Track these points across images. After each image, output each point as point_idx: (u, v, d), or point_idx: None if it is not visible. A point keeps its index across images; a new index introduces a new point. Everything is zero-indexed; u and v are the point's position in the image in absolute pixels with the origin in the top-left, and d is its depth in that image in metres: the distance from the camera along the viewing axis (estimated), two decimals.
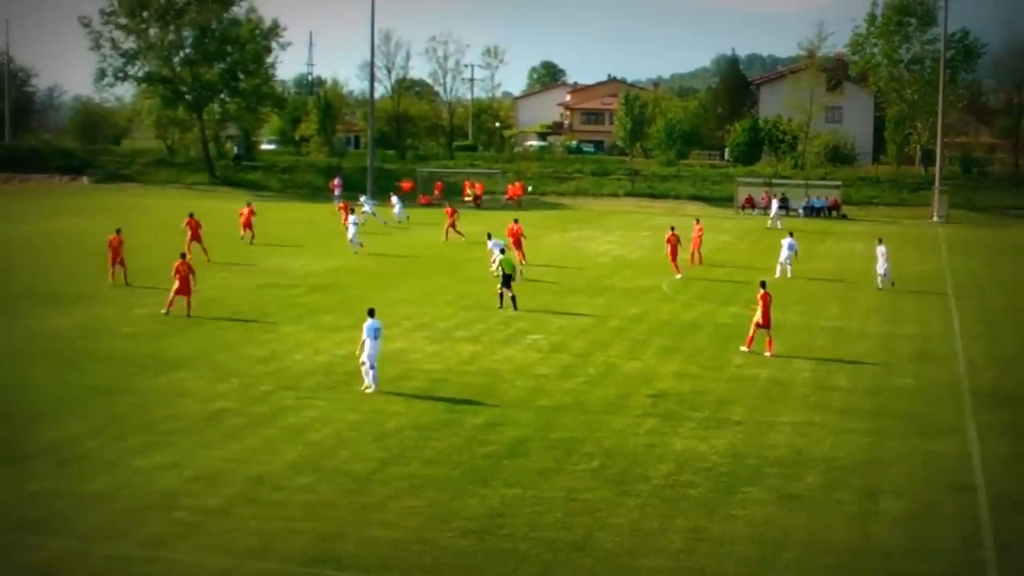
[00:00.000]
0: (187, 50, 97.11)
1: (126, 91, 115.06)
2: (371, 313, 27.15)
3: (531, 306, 38.80)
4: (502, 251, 41.10)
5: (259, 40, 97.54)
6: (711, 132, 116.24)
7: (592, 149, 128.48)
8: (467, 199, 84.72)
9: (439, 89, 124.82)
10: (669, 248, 47.19)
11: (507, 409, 25.44)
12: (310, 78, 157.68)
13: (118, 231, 42.52)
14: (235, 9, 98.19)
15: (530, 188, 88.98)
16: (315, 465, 21.08)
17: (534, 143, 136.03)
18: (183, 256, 37.18)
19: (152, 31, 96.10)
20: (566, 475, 20.96)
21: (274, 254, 51.66)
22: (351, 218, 54.74)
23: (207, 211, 61.67)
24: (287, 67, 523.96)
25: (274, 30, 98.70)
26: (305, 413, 24.66)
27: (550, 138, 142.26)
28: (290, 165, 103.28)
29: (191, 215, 50.40)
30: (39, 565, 16.57)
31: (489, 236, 46.71)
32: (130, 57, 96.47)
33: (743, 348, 32.10)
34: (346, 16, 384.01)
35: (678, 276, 46.51)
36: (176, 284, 35.59)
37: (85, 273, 43.49)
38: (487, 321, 36.00)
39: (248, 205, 58.64)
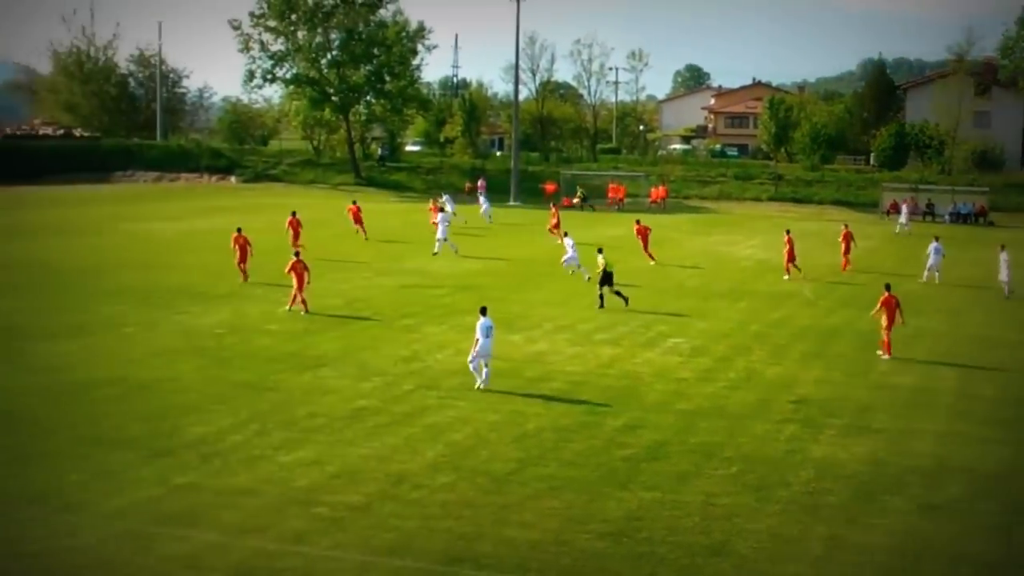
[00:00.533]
0: (334, 52, 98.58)
1: (274, 92, 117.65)
2: (483, 311, 27.52)
3: (672, 309, 38.60)
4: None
5: (405, 42, 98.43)
6: (856, 137, 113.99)
7: (736, 153, 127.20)
8: (609, 203, 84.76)
9: (583, 92, 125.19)
10: (787, 250, 47.69)
11: (647, 412, 25.33)
12: (455, 80, 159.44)
13: (239, 230, 43.59)
14: (382, 12, 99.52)
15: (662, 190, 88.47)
16: (455, 464, 21.28)
17: (677, 146, 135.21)
18: (296, 255, 37.81)
19: (300, 34, 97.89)
20: (705, 479, 20.80)
21: (416, 255, 52.28)
22: (440, 215, 54.79)
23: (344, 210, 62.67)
24: (432, 69, 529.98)
25: (420, 32, 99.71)
26: (446, 413, 24.91)
27: (694, 142, 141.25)
28: (434, 167, 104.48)
29: (294, 214, 51.98)
30: (183, 557, 16.93)
31: (565, 234, 47.75)
32: (278, 59, 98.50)
33: (881, 354, 31.50)
34: (492, 19, 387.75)
35: (785, 277, 47.03)
36: (294, 282, 36.39)
37: (233, 272, 44.66)
38: (628, 324, 35.89)
39: (354, 203, 60.03)
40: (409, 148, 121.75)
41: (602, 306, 38.47)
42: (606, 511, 19.07)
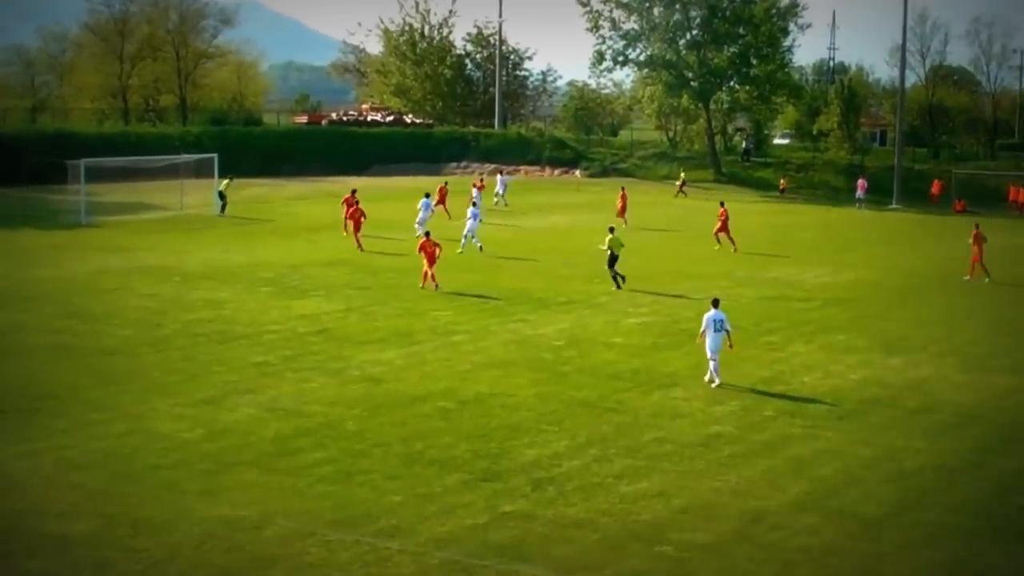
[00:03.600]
0: (694, 32, 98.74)
1: (625, 77, 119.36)
2: (715, 303, 29.04)
3: None
4: (611, 230, 44.95)
5: (775, 21, 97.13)
6: None
7: None
8: (1009, 208, 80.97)
9: (981, 78, 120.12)
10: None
11: None
12: (831, 64, 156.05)
13: (353, 192, 51.56)
14: None
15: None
16: (820, 504, 20.96)
17: None
18: (427, 235, 42.83)
19: (656, 11, 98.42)
20: None
21: (782, 263, 51.87)
22: (471, 211, 54.65)
23: (708, 211, 62.98)
24: (805, 52, 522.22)
25: (792, 10, 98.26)
26: (811, 444, 24.58)
27: None
28: (805, 162, 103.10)
29: (353, 191, 56.68)
30: None
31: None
32: (631, 39, 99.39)
33: None
34: None
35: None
36: (425, 262, 41.28)
37: (575, 277, 45.72)
38: None
39: (622, 189, 64.24)
40: (777, 141, 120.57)
41: (618, 287, 42.38)
42: (996, 568, 18.38)
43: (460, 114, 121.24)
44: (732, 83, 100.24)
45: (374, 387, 28.42)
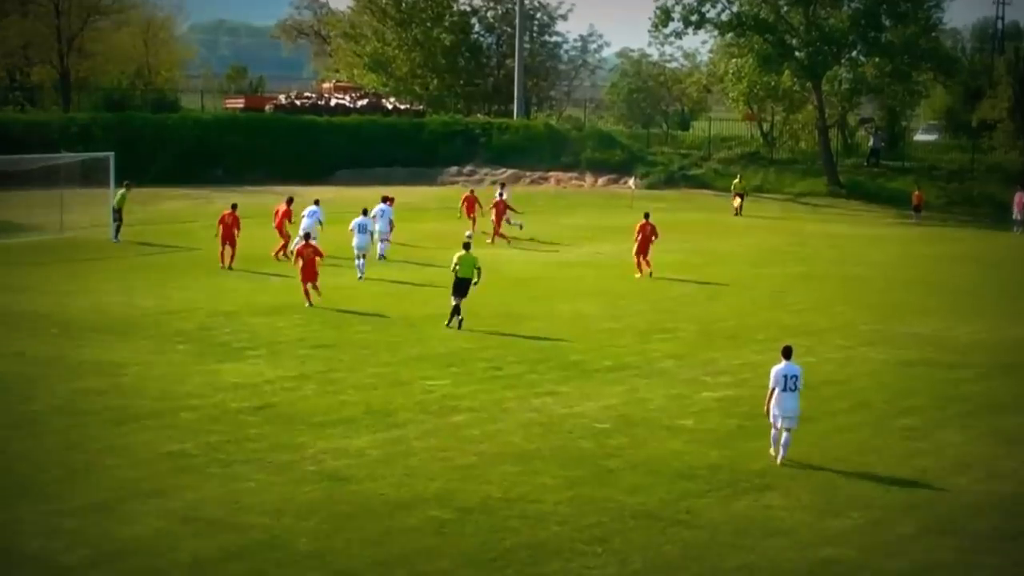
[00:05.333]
0: None
1: (700, 44, 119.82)
2: (786, 353, 30.18)
3: None
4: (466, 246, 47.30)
5: None
6: None
7: None
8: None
9: None
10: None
11: None
12: (999, 27, 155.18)
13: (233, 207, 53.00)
14: None
15: None
16: None
17: None
18: (306, 237, 52.55)
19: None
20: None
21: (925, 314, 51.77)
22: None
23: (820, 236, 62.90)
24: (961, 8, 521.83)
25: None
26: None
27: None
28: (960, 168, 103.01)
29: (233, 207, 59.70)
30: None
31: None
32: None
33: None
34: None
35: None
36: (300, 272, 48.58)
37: (626, 331, 45.74)
38: None
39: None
40: (919, 137, 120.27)
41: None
42: None
43: (464, 97, 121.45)
44: (854, 53, 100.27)
45: (337, 489, 28.38)
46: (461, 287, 45.82)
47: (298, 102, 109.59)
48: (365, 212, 59.11)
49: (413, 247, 64.81)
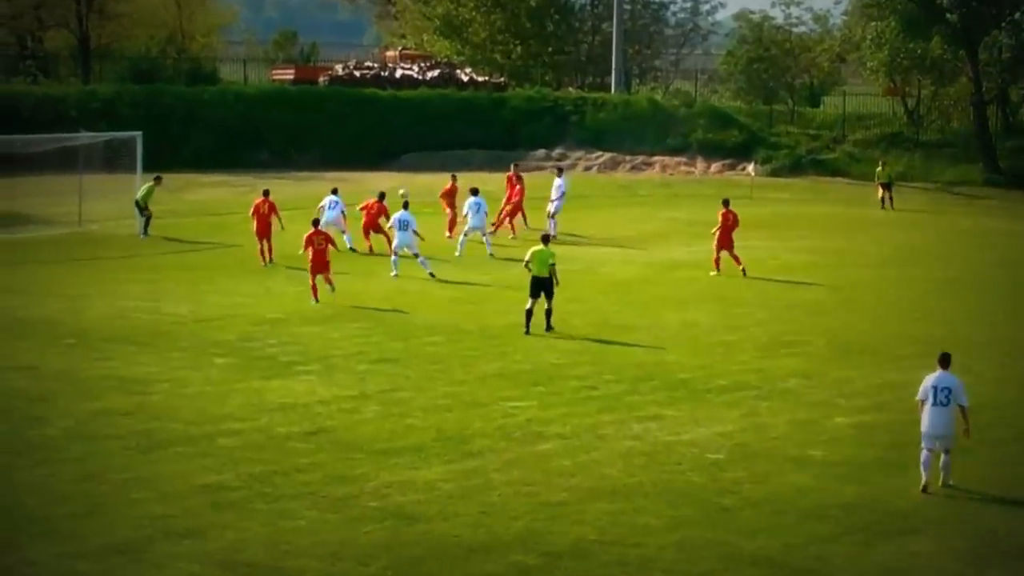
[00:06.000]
0: None
1: (833, 4, 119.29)
2: (943, 361, 30.76)
3: None
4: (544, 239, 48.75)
5: None
6: None
7: None
8: None
9: None
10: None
11: None
12: None
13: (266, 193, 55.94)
14: None
15: None
16: None
17: None
18: (315, 223, 52.34)
19: None
20: None
21: None
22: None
23: (977, 234, 62.64)
24: None
25: None
26: None
27: None
28: None
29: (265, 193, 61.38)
30: None
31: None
32: None
33: None
34: None
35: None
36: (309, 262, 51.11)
37: (743, 344, 45.69)
38: None
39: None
40: None
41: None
42: None
43: (552, 68, 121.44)
44: (1017, 16, 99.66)
45: (403, 529, 28.43)
46: (538, 287, 46.10)
47: (357, 73, 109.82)
48: (406, 205, 59.42)
49: (495, 244, 64.78)
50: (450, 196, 69.56)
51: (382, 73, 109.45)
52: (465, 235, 62.75)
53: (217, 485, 30.65)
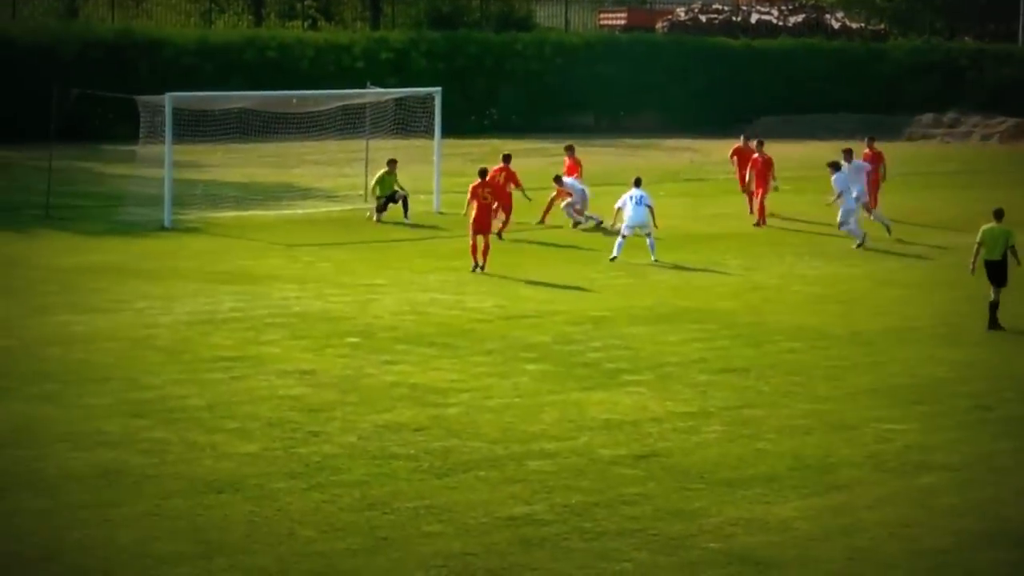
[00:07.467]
0: None
1: None
2: None
3: None
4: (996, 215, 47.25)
5: None
6: None
7: None
8: None
9: None
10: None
11: None
12: None
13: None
14: None
15: None
16: None
17: None
18: (482, 173, 56.63)
19: None
20: None
21: None
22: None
23: None
24: None
25: None
26: None
27: None
28: None
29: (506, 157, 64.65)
30: None
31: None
32: None
33: None
34: None
35: None
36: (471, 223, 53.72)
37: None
38: None
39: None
40: None
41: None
42: None
43: (945, 13, 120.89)
44: None
45: None
46: (993, 272, 46.23)
47: (703, 18, 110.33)
48: (638, 183, 60.48)
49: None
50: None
51: (734, 18, 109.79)
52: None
53: (526, 518, 30.90)
